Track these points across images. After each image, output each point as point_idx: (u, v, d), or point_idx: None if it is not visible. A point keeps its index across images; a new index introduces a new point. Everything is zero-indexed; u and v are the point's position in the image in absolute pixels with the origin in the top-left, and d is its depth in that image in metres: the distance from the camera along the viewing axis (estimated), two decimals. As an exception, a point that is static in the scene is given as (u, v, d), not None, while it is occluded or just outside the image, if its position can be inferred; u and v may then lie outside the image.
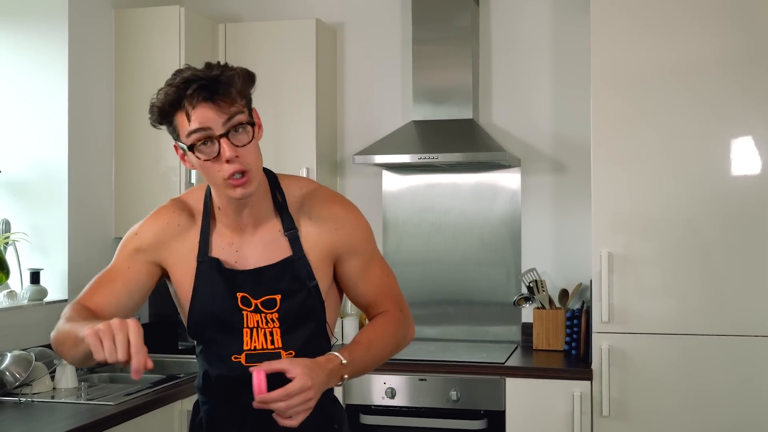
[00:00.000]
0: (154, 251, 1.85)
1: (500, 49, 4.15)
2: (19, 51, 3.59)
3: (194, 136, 1.68)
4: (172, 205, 1.90)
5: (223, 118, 1.68)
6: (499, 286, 4.12)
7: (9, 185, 3.55)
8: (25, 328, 3.31)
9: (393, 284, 1.96)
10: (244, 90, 1.73)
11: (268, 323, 1.82)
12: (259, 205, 1.83)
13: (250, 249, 1.84)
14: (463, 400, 3.52)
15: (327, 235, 1.85)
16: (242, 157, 1.71)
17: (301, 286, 1.82)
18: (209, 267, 1.82)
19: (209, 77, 1.67)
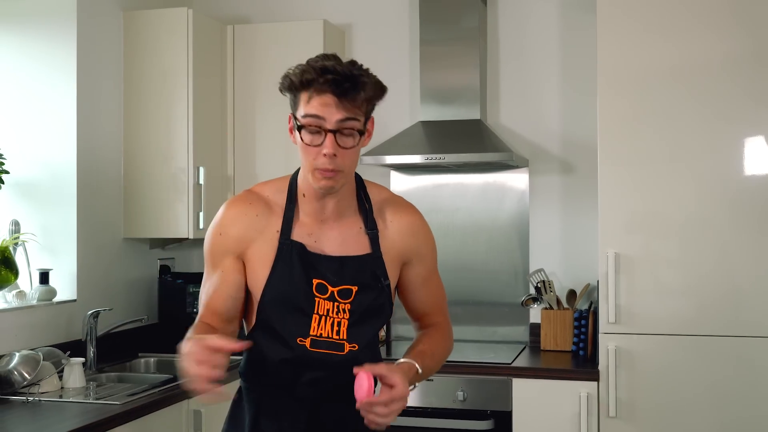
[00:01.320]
0: (239, 247, 1.90)
1: (508, 49, 4.15)
2: (28, 53, 3.61)
3: (307, 120, 1.76)
4: (247, 195, 1.94)
5: (339, 116, 1.75)
6: (507, 287, 4.12)
7: (18, 186, 3.58)
8: (34, 328, 3.34)
9: (445, 298, 2.08)
10: (371, 100, 1.80)
11: (338, 313, 1.86)
12: (344, 199, 1.89)
13: (328, 239, 1.90)
14: (470, 401, 3.52)
15: (403, 240, 1.94)
16: (340, 157, 1.78)
17: (376, 282, 1.89)
18: (290, 249, 1.87)
19: (347, 75, 1.74)
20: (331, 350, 1.87)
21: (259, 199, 1.93)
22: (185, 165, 3.78)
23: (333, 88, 1.74)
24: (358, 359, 1.84)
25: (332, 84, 1.73)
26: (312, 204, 1.90)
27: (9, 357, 3.02)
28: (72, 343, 3.43)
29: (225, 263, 1.89)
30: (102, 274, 3.74)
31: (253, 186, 1.99)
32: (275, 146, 4.01)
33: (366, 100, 1.78)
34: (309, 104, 1.76)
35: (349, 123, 1.76)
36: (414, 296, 2.02)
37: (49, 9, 3.59)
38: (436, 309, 2.05)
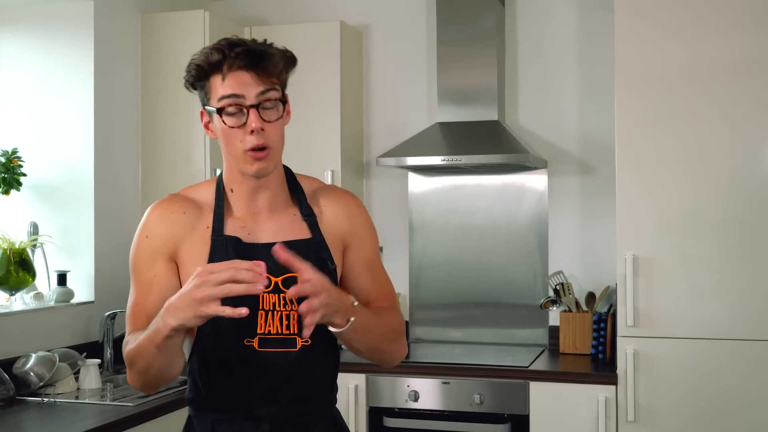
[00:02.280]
0: (169, 246, 1.76)
1: (526, 49, 4.12)
2: (46, 56, 3.64)
3: (226, 101, 1.67)
4: (170, 197, 1.83)
5: (258, 89, 1.67)
6: (525, 289, 4.09)
7: (37, 188, 3.60)
8: (51, 330, 3.35)
9: (393, 290, 1.93)
10: (285, 69, 1.72)
11: (286, 305, 1.72)
12: (275, 190, 1.80)
13: (263, 231, 1.78)
14: (487, 404, 3.50)
15: (340, 222, 1.84)
16: (267, 132, 1.69)
17: (323, 267, 1.73)
18: (224, 244, 1.74)
19: (255, 47, 1.68)
20: (282, 348, 1.73)
21: (185, 199, 1.82)
22: (202, 166, 3.79)
23: (246, 61, 1.66)
24: (312, 353, 1.75)
25: (244, 57, 1.66)
26: (242, 198, 1.79)
27: (26, 358, 3.04)
28: (89, 345, 3.45)
29: (157, 267, 1.75)
30: (120, 276, 3.74)
31: (179, 191, 1.88)
32: (289, 146, 3.94)
33: (280, 70, 1.70)
34: (224, 85, 1.67)
35: (270, 94, 1.68)
36: (357, 282, 1.86)
37: (67, 13, 3.61)
38: (383, 297, 1.88)
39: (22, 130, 3.64)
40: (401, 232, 4.25)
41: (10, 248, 3.29)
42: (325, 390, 1.84)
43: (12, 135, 3.63)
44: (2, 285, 3.28)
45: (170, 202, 1.81)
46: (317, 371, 1.79)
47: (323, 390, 1.83)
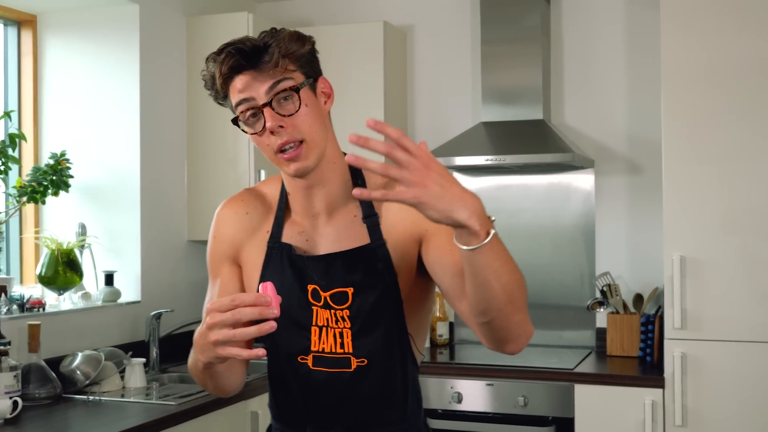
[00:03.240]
0: (233, 250, 1.69)
1: (572, 47, 4.07)
2: (93, 60, 3.70)
3: (240, 108, 1.55)
4: (241, 193, 1.74)
5: (264, 86, 1.53)
6: (572, 290, 4.03)
7: (85, 190, 3.66)
8: (98, 329, 3.41)
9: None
10: (291, 52, 1.55)
11: (338, 322, 1.59)
12: (331, 187, 1.63)
13: (321, 237, 1.64)
14: (531, 406, 3.46)
15: (405, 213, 1.54)
16: (291, 126, 1.54)
17: (376, 279, 1.58)
18: (279, 253, 1.63)
19: (247, 43, 1.54)
20: (336, 368, 1.60)
21: (255, 196, 1.72)
22: (247, 168, 3.82)
23: (242, 62, 1.53)
24: (368, 375, 1.60)
25: (239, 57, 1.53)
26: (298, 200, 1.65)
27: (72, 357, 3.09)
28: (136, 344, 3.49)
29: (223, 270, 1.70)
30: (166, 276, 3.80)
31: (260, 182, 1.79)
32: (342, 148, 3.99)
33: (286, 56, 1.54)
34: (234, 92, 1.55)
35: (280, 85, 1.53)
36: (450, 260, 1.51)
37: (113, 17, 3.66)
38: None
39: (70, 133, 3.70)
40: (446, 233, 4.21)
41: (58, 249, 3.34)
42: (395, 412, 1.65)
43: (61, 137, 3.69)
44: (50, 285, 3.34)
45: (236, 202, 1.72)
46: (381, 392, 1.62)
47: (392, 412, 1.65)
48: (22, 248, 3.65)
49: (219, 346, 1.37)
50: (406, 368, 1.65)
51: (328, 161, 1.62)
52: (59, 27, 3.73)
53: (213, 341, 1.37)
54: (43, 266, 3.34)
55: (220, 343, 1.37)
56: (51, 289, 3.36)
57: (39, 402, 2.87)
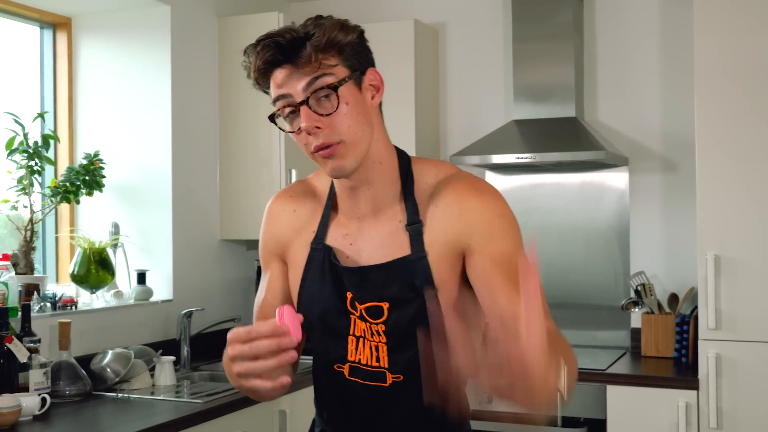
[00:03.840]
0: (280, 248, 1.64)
1: (605, 44, 4.01)
2: (125, 61, 3.74)
3: (278, 104, 1.46)
4: (292, 187, 1.68)
5: (302, 82, 1.43)
6: (606, 290, 3.98)
7: (119, 190, 3.71)
8: (130, 327, 3.44)
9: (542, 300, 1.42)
10: (333, 44, 1.44)
11: (374, 335, 1.51)
12: (378, 187, 1.53)
13: (365, 242, 1.55)
14: (563, 407, 3.41)
15: (449, 224, 1.48)
16: (328, 127, 1.43)
17: (414, 294, 1.48)
18: (321, 255, 1.56)
19: (286, 34, 1.44)
20: (372, 381, 1.53)
21: (305, 190, 1.64)
22: (278, 167, 3.83)
23: (279, 56, 1.43)
24: (405, 391, 1.52)
25: (276, 50, 1.43)
26: (345, 201, 1.56)
27: (103, 354, 3.12)
28: (167, 342, 3.52)
29: (271, 267, 1.66)
30: (199, 275, 3.82)
31: (311, 174, 1.68)
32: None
33: (326, 48, 1.43)
34: (273, 88, 1.46)
35: (320, 82, 1.42)
36: (487, 293, 1.46)
37: (145, 19, 3.70)
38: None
39: (104, 134, 3.74)
40: (479, 232, 4.18)
41: (90, 248, 3.38)
42: (434, 426, 1.57)
43: (95, 138, 3.74)
44: (83, 283, 3.39)
45: (286, 198, 1.66)
46: (418, 408, 1.52)
47: (431, 426, 1.57)
48: (58, 247, 3.71)
49: (242, 378, 1.32)
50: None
51: (372, 161, 1.52)
52: (93, 29, 3.78)
53: (236, 373, 1.32)
54: (75, 265, 3.39)
55: (242, 375, 1.31)
56: (83, 287, 3.41)
57: (69, 399, 2.91)
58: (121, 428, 2.58)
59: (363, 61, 1.51)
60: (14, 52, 3.65)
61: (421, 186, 1.54)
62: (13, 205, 3.33)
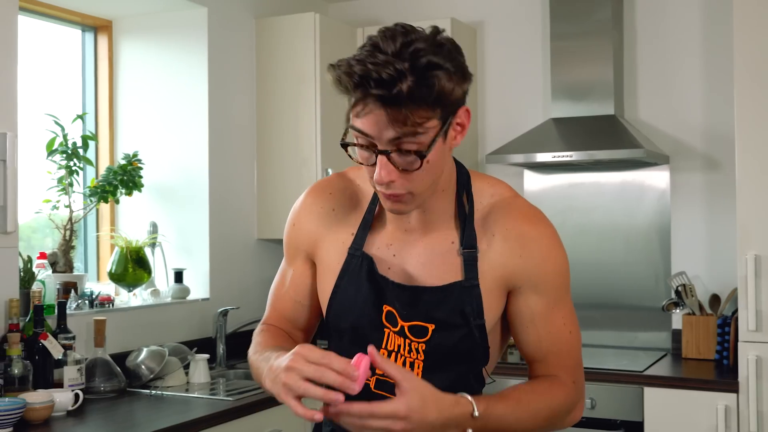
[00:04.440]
0: (310, 245, 1.59)
1: (645, 41, 3.94)
2: (163, 63, 3.79)
3: (355, 134, 1.35)
4: (331, 181, 1.60)
5: (391, 134, 1.31)
6: (647, 290, 3.91)
7: (157, 189, 3.76)
8: (166, 325, 3.49)
9: (575, 348, 1.53)
10: (442, 100, 1.31)
11: (411, 352, 1.47)
12: (435, 211, 1.49)
13: (411, 256, 1.50)
14: (599, 409, 3.37)
15: (507, 260, 1.47)
16: (402, 180, 1.36)
17: (463, 321, 1.46)
18: (359, 263, 1.50)
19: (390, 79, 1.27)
20: None
21: (345, 187, 1.57)
22: (315, 167, 3.84)
23: (379, 101, 1.28)
24: None
25: (379, 99, 1.28)
26: None
27: (138, 352, 3.17)
28: (203, 340, 3.56)
29: (297, 262, 1.61)
30: (235, 274, 3.86)
31: (350, 168, 1.59)
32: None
33: (434, 105, 1.30)
34: (356, 117, 1.33)
35: (408, 142, 1.32)
36: (525, 335, 1.50)
37: (183, 20, 3.75)
38: (554, 358, 1.51)
39: (143, 134, 3.80)
40: (517, 232, 4.15)
41: (128, 247, 3.44)
42: None
43: (135, 138, 3.80)
44: (120, 282, 3.44)
45: (324, 194, 1.59)
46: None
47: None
48: (98, 247, 3.77)
49: (285, 392, 1.32)
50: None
51: (437, 191, 1.46)
52: (133, 31, 3.84)
53: (284, 383, 1.32)
54: (113, 264, 3.44)
55: (287, 389, 1.31)
56: (121, 285, 3.46)
57: (103, 395, 2.95)
58: (149, 424, 2.60)
59: (458, 104, 1.37)
60: (57, 55, 3.73)
61: (477, 207, 1.51)
62: (54, 204, 3.39)
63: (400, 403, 1.30)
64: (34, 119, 3.40)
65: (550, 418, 1.49)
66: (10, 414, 2.47)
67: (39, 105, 3.46)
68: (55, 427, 2.58)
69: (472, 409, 1.36)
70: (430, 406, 1.32)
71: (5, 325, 2.77)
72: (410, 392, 1.31)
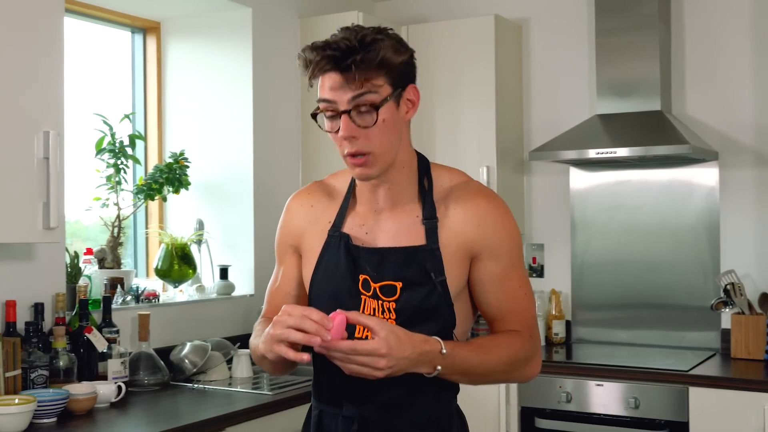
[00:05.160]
0: (296, 240, 1.81)
1: (694, 34, 3.87)
2: (209, 63, 3.86)
3: (322, 105, 1.63)
4: (311, 186, 1.86)
5: (349, 94, 1.59)
6: (695, 289, 3.84)
7: (204, 187, 3.82)
8: (211, 321, 3.54)
9: (529, 306, 1.75)
10: (385, 64, 1.59)
11: (384, 312, 1.67)
12: (398, 187, 1.72)
13: (381, 231, 1.73)
14: (643, 409, 3.32)
15: (467, 229, 1.69)
16: (364, 138, 1.61)
17: (426, 279, 1.67)
18: (337, 241, 1.73)
19: (348, 46, 1.57)
20: None
21: (322, 188, 1.83)
22: (359, 165, 3.86)
23: (334, 65, 1.57)
24: None
25: (333, 60, 1.57)
26: (364, 194, 1.75)
27: (181, 346, 3.23)
28: (248, 336, 3.57)
29: (286, 259, 1.83)
30: (280, 271, 3.89)
31: (331, 174, 1.87)
32: (443, 143, 4.00)
33: (379, 67, 1.57)
34: (321, 87, 1.62)
35: (364, 98, 1.58)
36: (485, 297, 1.72)
37: (228, 21, 3.81)
38: (513, 315, 1.72)
39: (190, 133, 3.87)
40: (563, 230, 4.13)
41: (173, 244, 3.50)
42: (428, 399, 1.72)
43: (182, 137, 3.87)
44: (166, 277, 3.51)
45: (304, 194, 1.85)
46: (414, 380, 1.65)
47: (425, 398, 1.71)
48: (148, 244, 3.85)
49: (274, 341, 1.54)
50: None
51: (397, 166, 1.71)
52: (180, 32, 3.91)
53: (271, 334, 1.55)
54: (159, 260, 3.51)
55: (275, 338, 1.54)
56: (167, 281, 3.53)
57: (147, 388, 3.02)
58: (190, 416, 2.65)
59: (407, 78, 1.66)
60: (108, 57, 3.82)
61: (437, 188, 1.74)
62: (104, 202, 3.47)
63: (380, 342, 1.51)
64: (85, 119, 3.48)
65: (511, 362, 1.69)
66: (54, 404, 2.54)
67: (90, 105, 3.55)
68: (98, 417, 2.65)
69: (440, 346, 1.58)
70: (405, 343, 1.54)
71: (52, 319, 2.85)
72: (387, 333, 1.52)
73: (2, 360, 2.56)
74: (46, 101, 2.57)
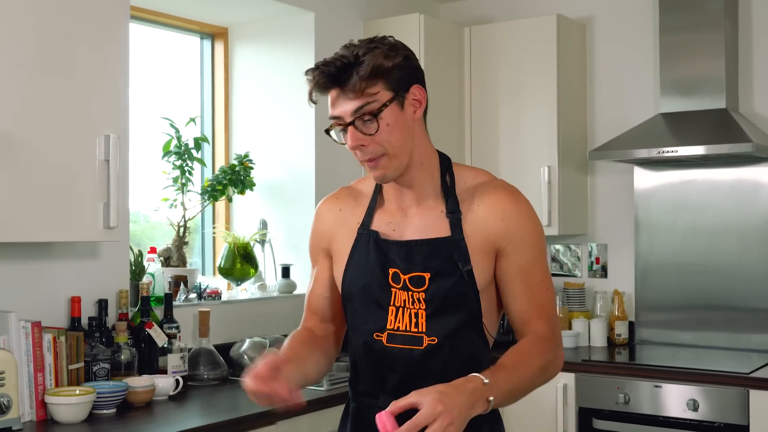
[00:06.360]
0: (326, 243, 1.91)
1: (762, 31, 3.79)
2: (274, 67, 3.95)
3: (332, 121, 1.74)
4: (338, 191, 1.95)
5: (350, 106, 1.68)
6: (762, 291, 3.76)
7: (268, 188, 3.92)
8: (271, 318, 3.64)
9: (551, 300, 1.81)
10: (378, 72, 1.67)
11: (414, 303, 1.75)
12: (421, 186, 1.80)
13: (407, 226, 1.81)
14: (702, 411, 3.27)
15: (491, 223, 1.76)
16: (373, 144, 1.70)
17: (453, 268, 1.74)
18: (367, 237, 1.81)
19: (337, 63, 1.67)
20: (408, 345, 1.75)
21: (349, 193, 1.91)
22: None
23: (332, 82, 1.68)
24: (438, 353, 1.74)
25: (330, 78, 1.67)
26: (391, 193, 1.83)
27: (241, 342, 3.33)
28: (309, 333, 3.68)
29: (319, 263, 1.93)
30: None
31: (355, 180, 1.96)
32: (504, 144, 4.01)
33: (372, 76, 1.66)
34: (329, 105, 1.72)
35: (364, 109, 1.67)
36: (508, 292, 1.78)
37: (292, 25, 3.90)
38: (534, 312, 1.77)
39: (256, 135, 3.98)
40: (626, 230, 4.09)
41: (235, 243, 3.61)
42: None
43: (248, 140, 3.98)
44: (228, 276, 3.62)
45: (332, 199, 1.94)
46: (447, 371, 1.71)
47: None
48: (214, 243, 3.97)
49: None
50: (475, 350, 1.79)
51: (415, 164, 1.78)
52: (247, 37, 4.02)
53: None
54: (222, 259, 3.63)
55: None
56: (229, 279, 3.64)
57: (206, 383, 3.12)
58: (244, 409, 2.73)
59: (406, 80, 1.72)
60: (177, 62, 3.96)
61: (461, 185, 1.81)
62: (172, 203, 3.61)
63: (430, 404, 1.51)
64: (155, 122, 3.62)
65: (544, 367, 1.73)
66: (113, 396, 2.67)
67: (159, 109, 3.69)
68: (156, 409, 2.76)
69: (481, 379, 1.59)
70: (451, 391, 1.55)
71: (115, 314, 2.99)
72: (430, 393, 1.53)
73: (66, 353, 2.70)
74: (109, 106, 2.68)
